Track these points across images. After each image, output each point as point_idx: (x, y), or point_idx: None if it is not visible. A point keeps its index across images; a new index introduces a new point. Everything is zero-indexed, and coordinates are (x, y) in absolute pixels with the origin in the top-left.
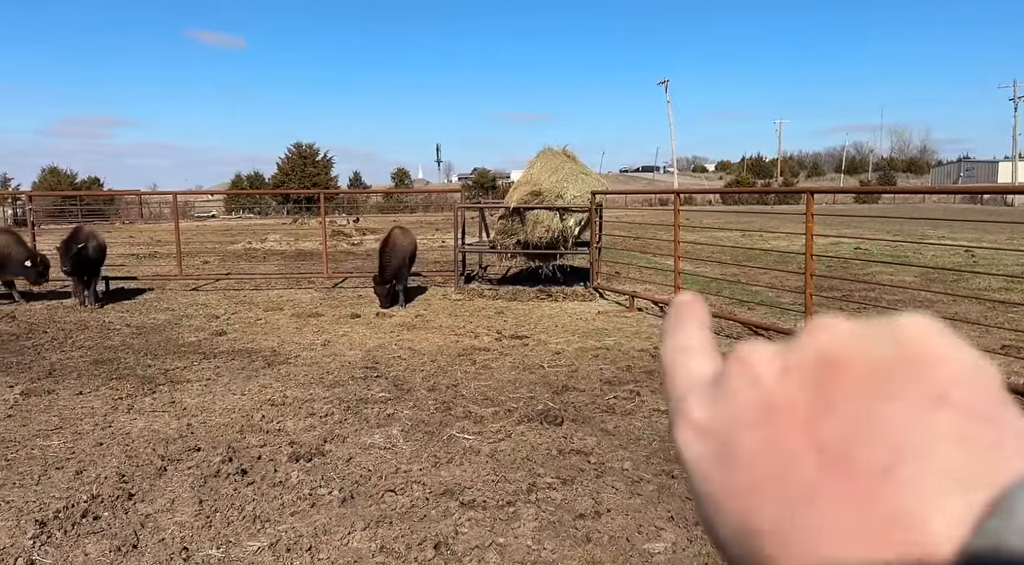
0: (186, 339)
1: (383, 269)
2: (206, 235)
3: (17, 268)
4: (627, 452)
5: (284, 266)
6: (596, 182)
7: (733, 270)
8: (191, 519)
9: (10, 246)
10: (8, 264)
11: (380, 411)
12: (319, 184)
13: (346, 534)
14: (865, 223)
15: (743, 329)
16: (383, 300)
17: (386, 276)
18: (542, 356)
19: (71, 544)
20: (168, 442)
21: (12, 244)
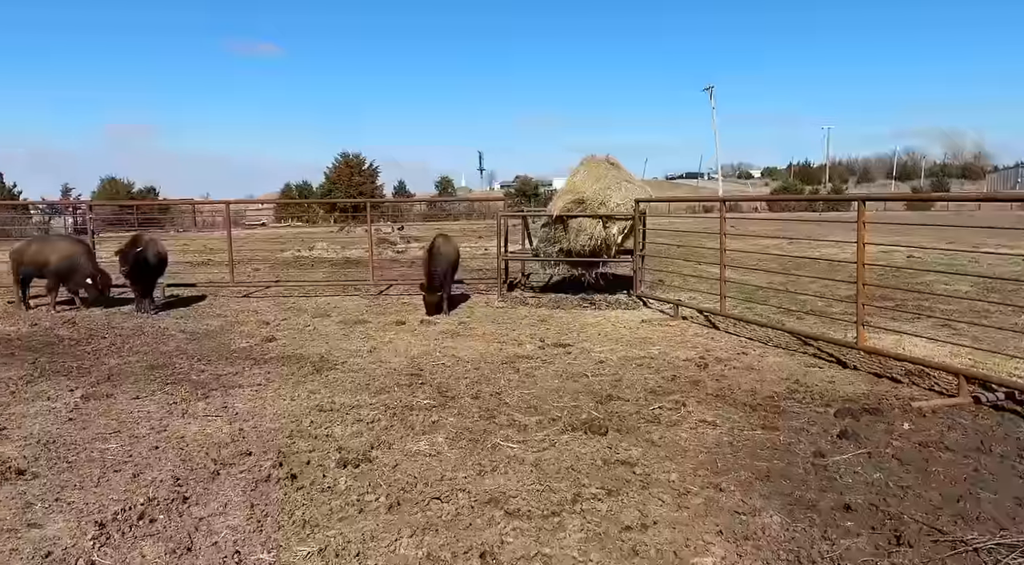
0: (238, 345)
1: (432, 277)
2: (256, 243)
3: (80, 281)
4: (673, 464)
5: (331, 273)
6: (640, 190)
7: (780, 278)
8: (243, 523)
9: (81, 257)
10: (74, 275)
11: (425, 418)
12: (365, 193)
13: (393, 541)
14: (918, 231)
15: (791, 339)
16: (432, 308)
17: (435, 284)
18: (586, 365)
19: (129, 546)
20: (221, 446)
21: (83, 255)
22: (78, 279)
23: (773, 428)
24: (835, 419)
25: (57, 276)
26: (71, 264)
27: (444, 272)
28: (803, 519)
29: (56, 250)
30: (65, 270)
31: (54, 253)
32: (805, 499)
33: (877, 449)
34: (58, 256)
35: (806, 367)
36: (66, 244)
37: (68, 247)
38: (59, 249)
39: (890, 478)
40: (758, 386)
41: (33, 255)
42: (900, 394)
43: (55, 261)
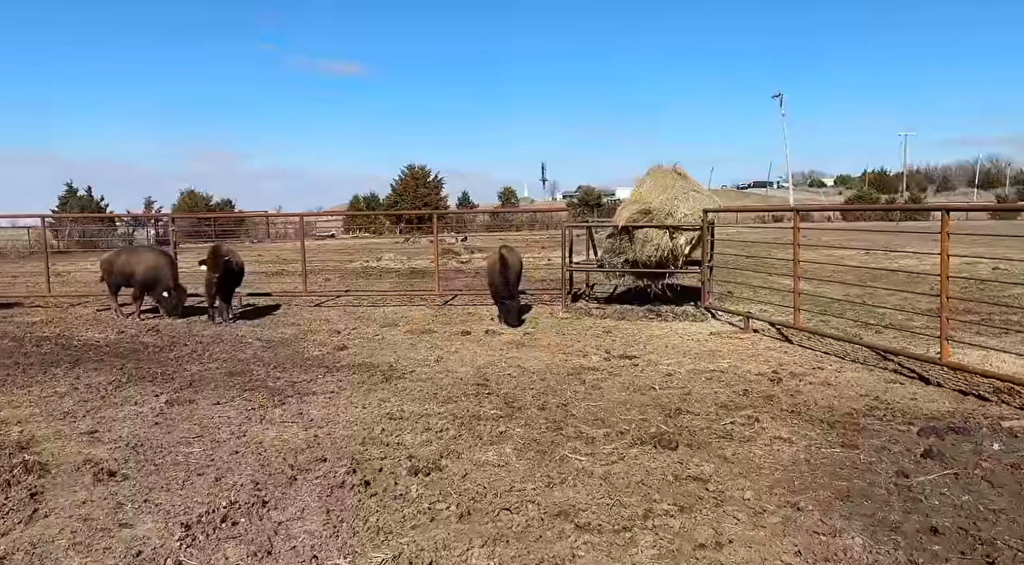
0: (311, 353)
1: (509, 285)
2: (326, 254)
3: (160, 292)
4: (748, 481)
5: (398, 283)
6: (708, 199)
7: (857, 291)
8: (320, 528)
9: (164, 269)
10: (156, 286)
11: (492, 428)
12: (430, 204)
13: (464, 550)
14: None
15: (870, 354)
16: (514, 317)
17: (513, 292)
18: (653, 377)
19: (213, 548)
20: (297, 452)
21: (166, 267)
22: (158, 291)
23: (853, 446)
24: (918, 438)
25: (143, 286)
26: (155, 275)
27: (515, 282)
28: (887, 541)
29: (142, 261)
30: (151, 280)
31: (140, 264)
32: (889, 521)
33: (965, 470)
34: (144, 267)
35: (886, 383)
36: (151, 256)
37: (153, 259)
38: (144, 260)
39: (980, 501)
40: (836, 402)
41: (121, 266)
42: (988, 412)
43: (141, 272)
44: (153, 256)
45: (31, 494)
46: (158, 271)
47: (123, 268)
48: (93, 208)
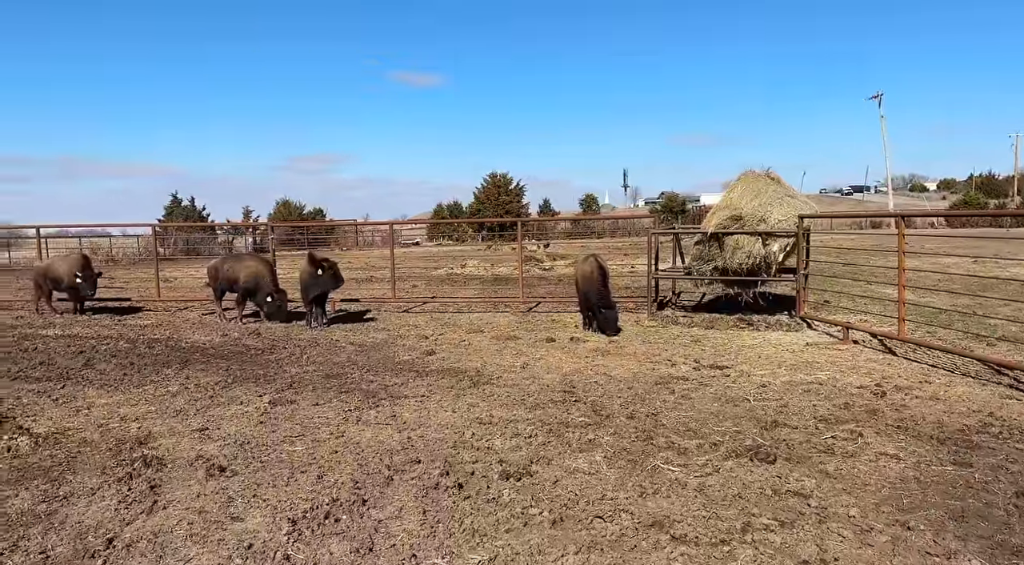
0: (401, 357)
1: (608, 293)
2: (412, 261)
3: (261, 298)
4: (852, 498)
5: (482, 290)
6: (803, 205)
7: (966, 301)
8: (417, 528)
9: (264, 275)
10: (258, 291)
11: (581, 435)
12: (511, 211)
13: (559, 556)
14: None
15: (981, 367)
16: (613, 326)
17: (610, 301)
18: (746, 388)
19: (318, 543)
20: (392, 453)
21: (267, 274)
22: (259, 297)
23: (966, 464)
24: None
25: (245, 291)
26: (256, 281)
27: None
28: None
29: (244, 267)
30: (252, 286)
31: (243, 270)
32: (1009, 544)
33: None
34: (246, 273)
35: (1001, 398)
36: (252, 262)
37: (254, 265)
38: (246, 267)
39: None
40: (945, 418)
41: (226, 272)
42: None
43: (243, 278)
44: (254, 263)
45: (151, 486)
46: (258, 277)
47: (228, 274)
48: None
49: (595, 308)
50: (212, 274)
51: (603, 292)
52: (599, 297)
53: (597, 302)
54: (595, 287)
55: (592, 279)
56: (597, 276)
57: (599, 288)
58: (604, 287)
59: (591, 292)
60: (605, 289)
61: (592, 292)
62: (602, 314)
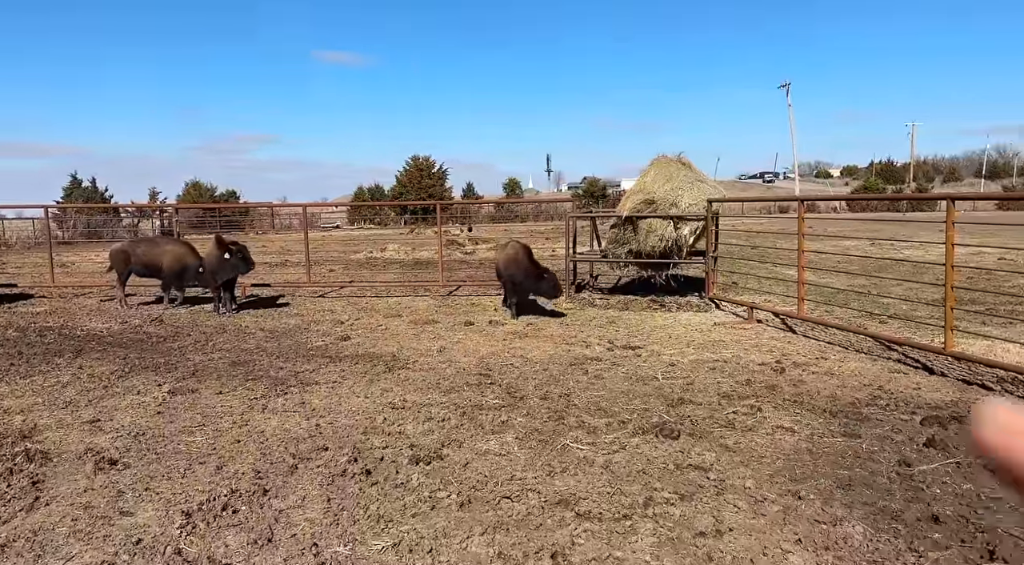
0: (314, 343)
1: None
2: (330, 245)
3: (186, 282)
4: (749, 470)
5: (402, 274)
6: (713, 189)
7: (862, 281)
8: (320, 516)
9: (190, 259)
10: (184, 276)
11: (495, 418)
12: (434, 195)
13: (465, 538)
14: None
15: (874, 344)
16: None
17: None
18: (656, 367)
19: (213, 535)
20: (299, 441)
21: (191, 257)
22: (187, 279)
23: (855, 435)
24: (921, 427)
25: (172, 277)
26: (183, 266)
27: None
28: (887, 530)
29: (168, 253)
30: (179, 271)
31: (166, 255)
32: (890, 509)
33: (967, 459)
34: (171, 259)
35: (890, 373)
36: (178, 247)
37: (178, 250)
38: (171, 252)
39: (981, 489)
40: (839, 392)
41: (144, 257)
42: None
43: (168, 263)
44: (177, 247)
45: (33, 482)
46: (184, 261)
47: (145, 259)
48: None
49: (527, 284)
50: (120, 258)
51: (530, 266)
52: (528, 273)
53: (530, 277)
54: (522, 267)
55: (518, 260)
56: (523, 256)
57: (527, 266)
58: (532, 261)
59: (517, 274)
60: (533, 262)
61: (519, 273)
62: (544, 280)
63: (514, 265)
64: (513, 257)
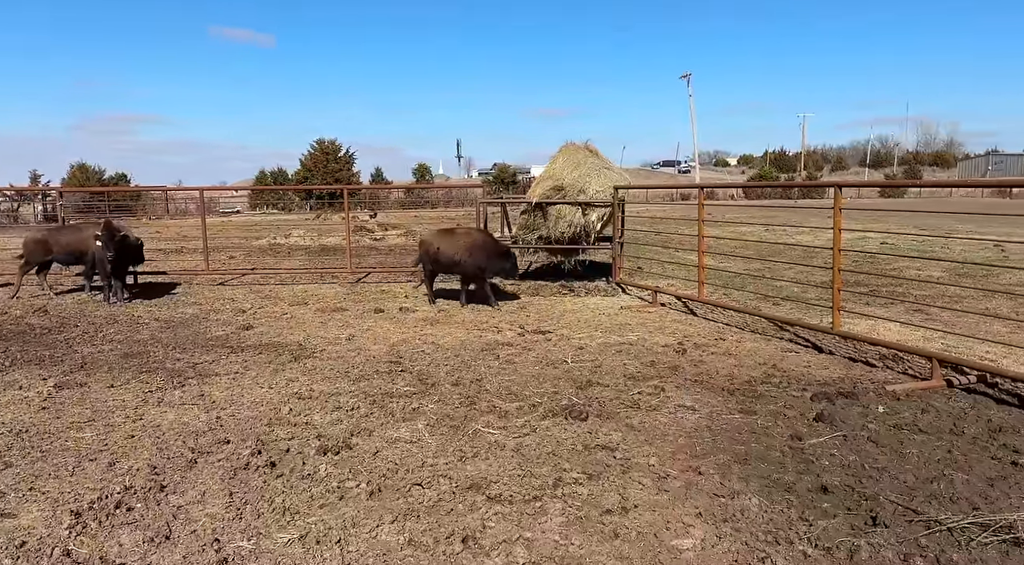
0: (214, 333)
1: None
2: (231, 231)
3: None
4: (653, 448)
5: (308, 261)
6: (619, 177)
7: (757, 265)
8: (222, 511)
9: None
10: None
11: (405, 405)
12: (341, 180)
13: (374, 527)
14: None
15: (768, 325)
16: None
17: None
18: (565, 351)
19: (106, 534)
20: (198, 435)
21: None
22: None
23: (751, 412)
24: (811, 403)
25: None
26: None
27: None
28: (781, 501)
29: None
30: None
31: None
32: (783, 481)
33: (853, 432)
34: None
35: (783, 352)
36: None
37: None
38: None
39: (865, 460)
40: (736, 371)
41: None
42: (875, 378)
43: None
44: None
45: None
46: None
47: (69, 247)
48: None
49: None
50: (39, 247)
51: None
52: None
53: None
54: (488, 250)
55: (484, 244)
56: (488, 239)
57: (493, 247)
58: (496, 242)
59: (481, 258)
60: (496, 243)
61: (483, 257)
62: (510, 257)
63: (480, 250)
64: (479, 243)
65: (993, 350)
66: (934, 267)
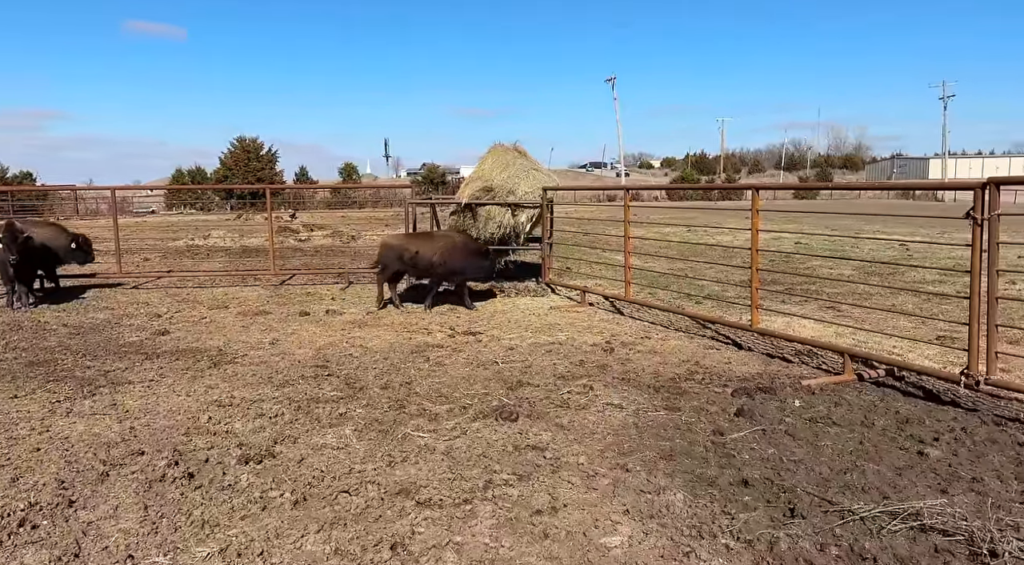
0: (127, 339)
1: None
2: (146, 232)
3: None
4: (582, 447)
5: (229, 263)
6: (547, 178)
7: (680, 265)
8: (136, 526)
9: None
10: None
11: (332, 410)
12: (264, 179)
13: (299, 537)
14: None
15: (691, 323)
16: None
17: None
18: (496, 352)
19: (7, 556)
20: (110, 446)
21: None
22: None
23: (676, 409)
24: (732, 398)
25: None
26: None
27: None
28: (704, 495)
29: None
30: None
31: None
32: (706, 476)
33: (771, 426)
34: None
35: (705, 349)
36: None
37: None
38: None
39: (783, 453)
40: (661, 368)
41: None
42: (791, 373)
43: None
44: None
45: None
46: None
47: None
48: None
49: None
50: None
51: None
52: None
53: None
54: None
55: (465, 246)
56: (468, 241)
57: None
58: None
59: (459, 261)
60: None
61: (462, 260)
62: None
63: (460, 253)
64: (460, 246)
65: (900, 345)
66: (845, 266)
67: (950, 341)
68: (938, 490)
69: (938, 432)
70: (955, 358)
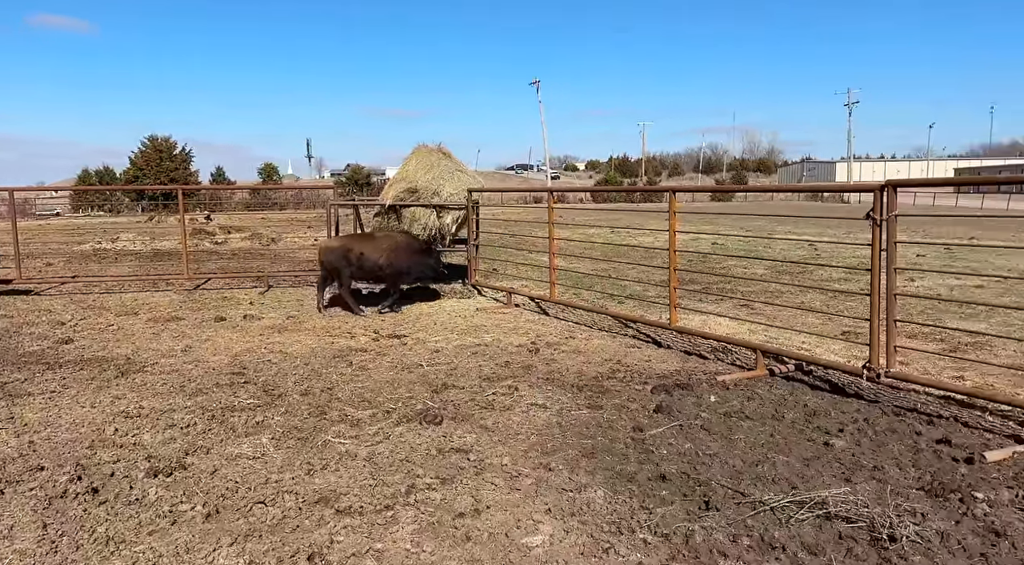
0: (27, 348)
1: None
2: (49, 235)
3: None
4: (506, 447)
5: (139, 267)
6: (472, 180)
7: (604, 266)
8: (33, 546)
9: None
10: None
11: (248, 419)
12: (177, 179)
13: (211, 552)
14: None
15: (614, 322)
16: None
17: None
18: (421, 355)
19: None
20: (6, 462)
21: None
22: None
23: (598, 407)
24: (652, 395)
25: None
26: None
27: None
28: (624, 492)
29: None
30: None
31: None
32: (626, 472)
33: (688, 421)
34: None
35: (626, 348)
36: None
37: None
38: None
39: (699, 447)
40: (584, 368)
41: None
42: (707, 369)
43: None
44: None
45: None
46: None
47: None
48: None
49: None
50: None
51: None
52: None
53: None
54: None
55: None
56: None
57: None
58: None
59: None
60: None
61: (407, 261)
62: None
63: (404, 254)
64: (403, 245)
65: (808, 340)
66: (758, 265)
67: (854, 336)
68: (842, 479)
69: (843, 423)
70: (859, 352)
